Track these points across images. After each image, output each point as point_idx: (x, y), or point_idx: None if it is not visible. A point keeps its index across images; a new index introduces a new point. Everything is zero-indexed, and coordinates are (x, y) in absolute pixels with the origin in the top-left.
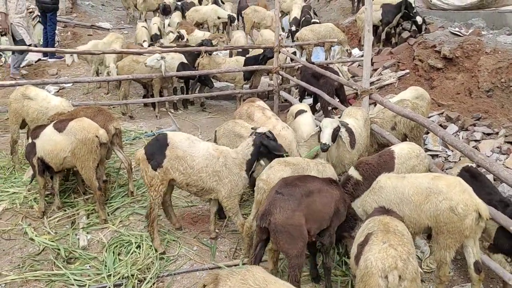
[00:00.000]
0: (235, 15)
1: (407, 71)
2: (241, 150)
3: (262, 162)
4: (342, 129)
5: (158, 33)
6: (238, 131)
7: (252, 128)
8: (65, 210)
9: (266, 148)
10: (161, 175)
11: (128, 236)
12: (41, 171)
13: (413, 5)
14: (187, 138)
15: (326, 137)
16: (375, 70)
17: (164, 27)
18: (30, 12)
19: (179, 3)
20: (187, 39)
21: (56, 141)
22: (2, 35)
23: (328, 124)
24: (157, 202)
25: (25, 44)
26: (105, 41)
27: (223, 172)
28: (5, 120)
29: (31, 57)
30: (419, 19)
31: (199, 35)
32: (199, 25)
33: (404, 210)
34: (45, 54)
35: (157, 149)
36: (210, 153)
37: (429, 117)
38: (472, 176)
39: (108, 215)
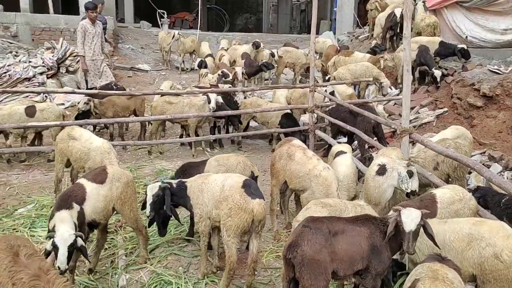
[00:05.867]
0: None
1: (446, 109)
2: None
3: None
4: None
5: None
6: None
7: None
8: (105, 249)
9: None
10: None
11: (168, 276)
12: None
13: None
14: None
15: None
16: (412, 108)
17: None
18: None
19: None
20: (232, 77)
21: (100, 195)
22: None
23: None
24: None
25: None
26: None
27: None
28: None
29: (76, 98)
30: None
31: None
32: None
33: (446, 256)
34: None
35: None
36: None
37: (471, 157)
38: None
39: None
